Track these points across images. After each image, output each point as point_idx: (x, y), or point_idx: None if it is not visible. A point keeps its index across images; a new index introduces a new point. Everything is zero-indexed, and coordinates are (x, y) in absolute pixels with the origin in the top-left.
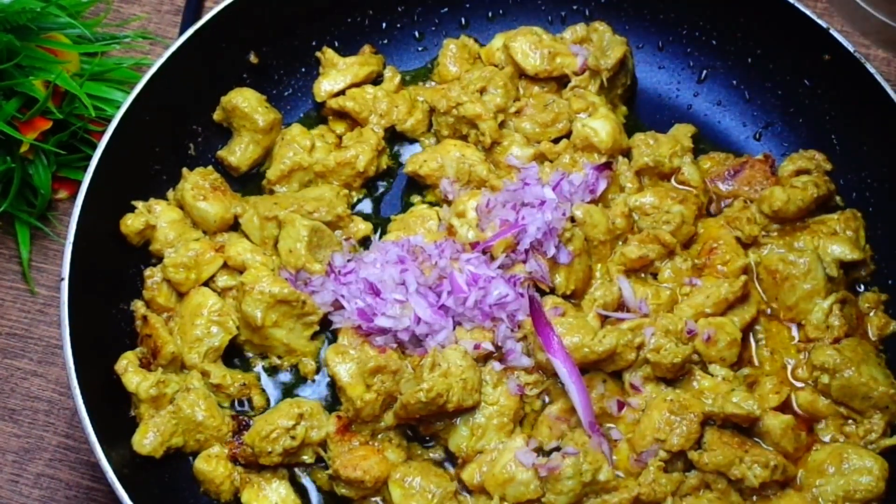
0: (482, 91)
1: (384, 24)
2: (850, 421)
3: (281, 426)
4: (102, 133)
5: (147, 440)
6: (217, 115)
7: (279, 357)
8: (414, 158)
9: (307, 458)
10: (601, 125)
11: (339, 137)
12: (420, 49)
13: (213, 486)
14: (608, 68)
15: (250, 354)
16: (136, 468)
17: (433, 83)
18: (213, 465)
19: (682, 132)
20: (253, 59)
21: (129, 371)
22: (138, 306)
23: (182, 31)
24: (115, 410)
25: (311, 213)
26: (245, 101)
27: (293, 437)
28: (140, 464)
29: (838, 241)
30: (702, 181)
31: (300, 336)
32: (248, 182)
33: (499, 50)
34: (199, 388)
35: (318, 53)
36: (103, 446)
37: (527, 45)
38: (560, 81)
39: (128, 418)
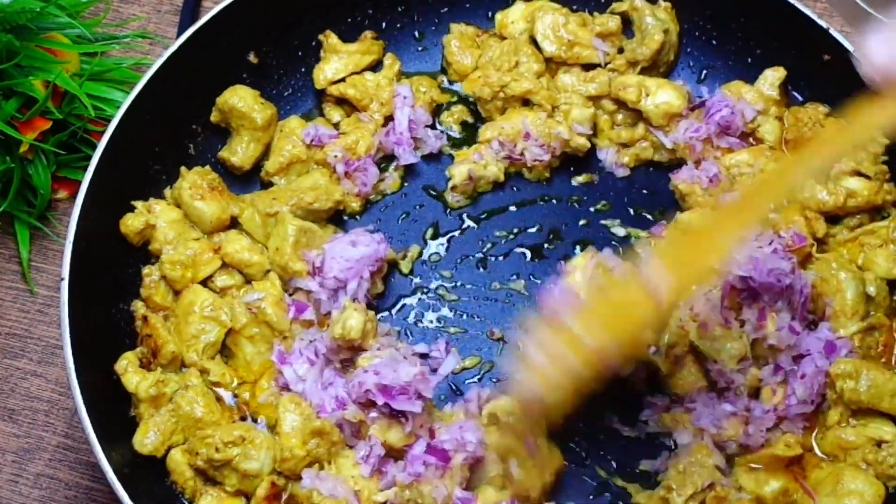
0: (516, 64)
1: (384, 24)
2: (877, 446)
3: (217, 439)
4: (102, 133)
5: (148, 440)
6: (214, 117)
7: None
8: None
9: (228, 485)
10: (671, 95)
11: (336, 125)
12: (420, 49)
13: (180, 480)
14: (646, 59)
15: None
16: (137, 468)
17: (448, 82)
18: (186, 459)
19: (771, 79)
20: (253, 58)
21: (129, 371)
22: (138, 306)
23: (180, 32)
24: (115, 410)
25: (311, 203)
26: (241, 101)
27: (217, 451)
28: (140, 463)
29: (886, 255)
30: (779, 142)
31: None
32: (251, 179)
33: (514, 22)
34: (197, 385)
35: (320, 36)
36: (103, 446)
37: (549, 26)
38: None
39: (128, 418)
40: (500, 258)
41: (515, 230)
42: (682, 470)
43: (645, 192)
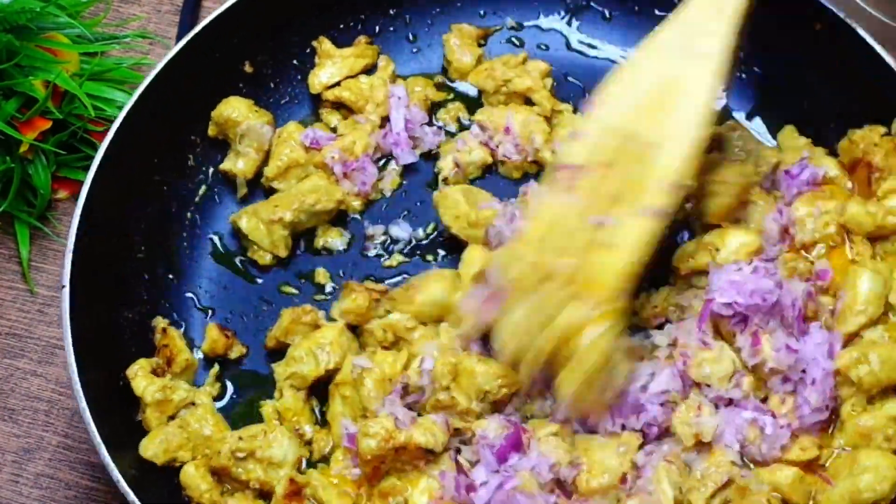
0: (524, 61)
1: (377, 27)
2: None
3: (239, 432)
4: (102, 133)
5: (153, 444)
6: (211, 131)
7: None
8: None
9: (252, 479)
10: (743, 238)
11: (333, 130)
12: (414, 51)
13: (195, 495)
14: None
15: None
16: (141, 471)
17: (448, 81)
18: (201, 473)
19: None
20: (248, 68)
21: (139, 376)
22: (158, 321)
23: (180, 32)
24: (118, 412)
25: (314, 205)
26: (236, 111)
27: (241, 439)
28: (146, 467)
29: None
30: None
31: None
32: (253, 191)
33: None
34: (206, 404)
35: (314, 43)
36: (108, 449)
37: None
38: None
39: (132, 421)
40: None
41: None
42: (700, 477)
43: None
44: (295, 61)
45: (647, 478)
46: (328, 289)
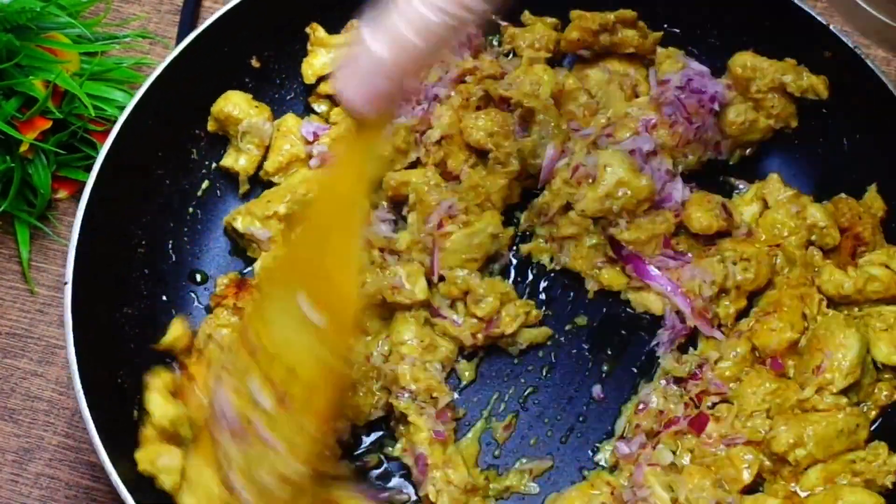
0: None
1: None
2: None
3: None
4: (102, 133)
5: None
6: (211, 126)
7: None
8: None
9: None
10: None
11: (325, 118)
12: None
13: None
14: None
15: None
16: (141, 474)
17: None
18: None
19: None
20: (255, 63)
21: (156, 392)
22: (178, 326)
23: (180, 32)
24: (118, 412)
25: (305, 194)
26: (236, 108)
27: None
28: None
29: (888, 339)
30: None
31: None
32: (253, 188)
33: None
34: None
35: (307, 29)
36: (109, 452)
37: None
38: None
39: (132, 421)
40: None
41: None
42: (684, 499)
43: None
44: (302, 56)
45: (638, 484)
46: None
